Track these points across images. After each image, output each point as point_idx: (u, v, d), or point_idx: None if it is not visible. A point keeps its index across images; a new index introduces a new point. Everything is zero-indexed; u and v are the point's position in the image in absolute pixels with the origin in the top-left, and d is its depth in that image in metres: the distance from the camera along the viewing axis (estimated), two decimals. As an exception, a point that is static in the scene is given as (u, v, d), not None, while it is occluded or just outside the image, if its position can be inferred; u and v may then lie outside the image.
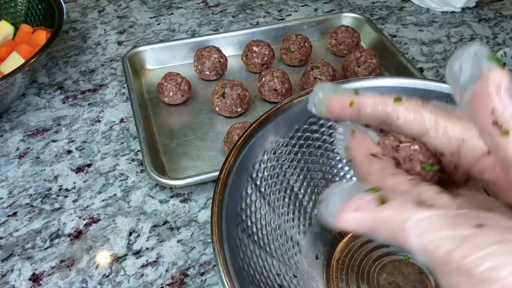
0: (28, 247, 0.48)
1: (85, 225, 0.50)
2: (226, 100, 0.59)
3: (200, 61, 0.65)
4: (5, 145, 0.58)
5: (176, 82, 0.61)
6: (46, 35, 0.66)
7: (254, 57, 0.66)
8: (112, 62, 0.72)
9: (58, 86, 0.68)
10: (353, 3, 0.86)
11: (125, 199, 0.52)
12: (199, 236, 0.49)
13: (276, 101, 0.62)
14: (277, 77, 0.61)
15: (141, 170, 0.55)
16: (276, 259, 0.38)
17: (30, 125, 0.61)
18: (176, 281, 0.45)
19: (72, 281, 0.45)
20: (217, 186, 0.36)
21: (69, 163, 0.56)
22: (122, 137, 0.60)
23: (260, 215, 0.39)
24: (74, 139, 0.59)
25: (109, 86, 0.68)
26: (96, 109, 0.64)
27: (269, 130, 0.41)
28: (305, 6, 0.86)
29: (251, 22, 0.81)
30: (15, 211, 0.51)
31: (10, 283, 0.45)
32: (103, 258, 0.47)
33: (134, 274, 0.45)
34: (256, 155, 0.40)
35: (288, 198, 0.42)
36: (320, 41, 0.75)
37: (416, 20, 0.82)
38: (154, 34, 0.78)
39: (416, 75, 0.62)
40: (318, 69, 0.62)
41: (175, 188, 0.52)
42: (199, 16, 0.83)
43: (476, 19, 0.82)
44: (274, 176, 0.41)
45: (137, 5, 0.86)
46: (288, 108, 0.42)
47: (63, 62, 0.72)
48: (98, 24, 0.81)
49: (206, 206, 0.52)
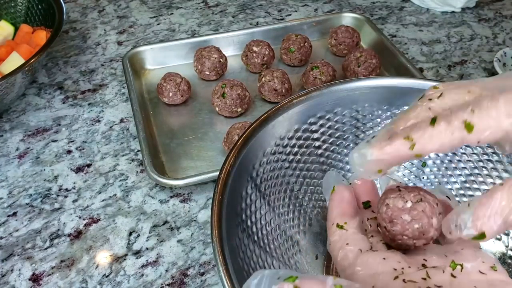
0: (28, 247, 0.48)
1: (85, 225, 0.50)
2: (226, 100, 0.59)
3: (200, 61, 0.65)
4: (5, 145, 0.58)
5: (175, 82, 0.61)
6: (46, 35, 0.66)
7: (254, 57, 0.66)
8: (112, 62, 0.72)
9: (58, 86, 0.68)
10: (353, 3, 0.86)
11: (125, 199, 0.52)
12: (199, 236, 0.49)
13: (276, 101, 0.62)
14: (277, 77, 0.61)
15: (141, 170, 0.55)
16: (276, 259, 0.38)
17: (30, 125, 0.61)
18: (176, 281, 0.45)
19: (72, 281, 0.45)
20: (217, 186, 0.35)
21: (69, 163, 0.56)
22: (122, 137, 0.60)
23: (260, 215, 0.39)
24: (74, 139, 0.59)
25: (109, 86, 0.68)
26: (96, 109, 0.64)
27: (269, 130, 0.41)
28: (305, 6, 0.86)
29: (251, 22, 0.81)
30: (15, 211, 0.51)
31: (10, 283, 0.45)
32: (103, 258, 0.47)
33: (134, 274, 0.45)
34: (256, 155, 0.40)
35: (288, 198, 0.42)
36: (320, 41, 0.75)
37: (416, 20, 0.82)
38: (154, 34, 0.78)
39: (416, 75, 0.62)
40: (318, 69, 0.62)
41: (175, 188, 0.52)
42: (199, 16, 0.83)
43: (476, 19, 0.82)
44: (274, 176, 0.41)
45: (137, 5, 0.86)
46: (288, 108, 0.42)
47: (63, 62, 0.72)
48: (98, 24, 0.81)
49: (206, 206, 0.52)
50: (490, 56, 0.74)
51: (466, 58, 0.74)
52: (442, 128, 0.24)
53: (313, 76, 0.62)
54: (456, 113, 0.24)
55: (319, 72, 0.62)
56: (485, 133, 0.23)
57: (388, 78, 0.45)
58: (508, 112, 0.23)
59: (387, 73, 0.67)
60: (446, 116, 0.24)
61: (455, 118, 0.24)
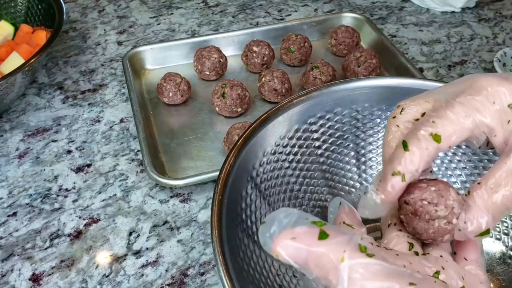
0: (28, 247, 0.48)
1: (85, 225, 0.50)
2: (226, 100, 0.59)
3: (200, 61, 0.65)
4: (5, 145, 0.58)
5: (175, 82, 0.61)
6: (46, 35, 0.66)
7: (254, 57, 0.66)
8: (112, 62, 0.72)
9: (58, 86, 0.68)
10: (353, 3, 0.86)
11: (125, 199, 0.52)
12: (199, 236, 0.49)
13: (276, 101, 0.62)
14: (277, 77, 0.61)
15: (141, 170, 0.55)
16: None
17: (30, 125, 0.61)
18: (176, 281, 0.45)
19: (72, 281, 0.45)
20: (217, 186, 0.35)
21: (69, 163, 0.56)
22: (122, 137, 0.60)
23: (260, 215, 0.39)
24: (74, 139, 0.59)
25: (109, 86, 0.68)
26: (96, 109, 0.64)
27: (269, 130, 0.41)
28: (305, 6, 0.86)
29: (251, 22, 0.81)
30: (15, 211, 0.51)
31: (10, 283, 0.45)
32: (103, 258, 0.47)
33: (134, 274, 0.45)
34: (256, 155, 0.40)
35: (288, 198, 0.42)
36: (320, 41, 0.75)
37: (416, 20, 0.82)
38: (154, 34, 0.78)
39: (416, 75, 0.62)
40: (318, 69, 0.62)
41: (175, 188, 0.52)
42: (199, 16, 0.83)
43: (476, 19, 0.82)
44: (274, 176, 0.41)
45: (137, 5, 0.86)
46: (288, 108, 0.42)
47: (63, 62, 0.72)
48: (98, 24, 0.81)
49: (206, 206, 0.52)
50: (490, 56, 0.74)
51: (466, 58, 0.74)
52: (415, 149, 0.25)
53: (313, 76, 0.62)
54: (420, 128, 0.26)
55: (319, 72, 0.62)
56: (452, 138, 0.25)
57: (388, 78, 0.45)
58: (466, 112, 0.25)
59: (387, 73, 0.67)
60: (412, 134, 0.26)
61: (421, 134, 0.25)
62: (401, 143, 0.26)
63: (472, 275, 0.27)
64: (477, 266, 0.29)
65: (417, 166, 0.25)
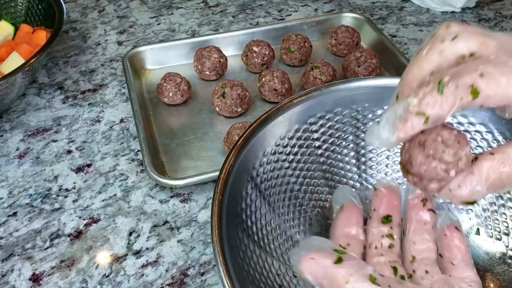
0: (28, 247, 0.48)
1: (85, 225, 0.50)
2: (226, 100, 0.59)
3: (200, 61, 0.65)
4: (5, 145, 0.58)
5: (175, 82, 0.61)
6: (46, 35, 0.66)
7: (254, 57, 0.66)
8: (112, 62, 0.72)
9: (58, 86, 0.68)
10: (353, 3, 0.86)
11: (125, 199, 0.52)
12: (199, 236, 0.49)
13: (276, 101, 0.62)
14: (277, 77, 0.61)
15: (141, 170, 0.55)
16: (276, 259, 0.38)
17: (30, 125, 0.61)
18: (176, 281, 0.45)
19: (72, 281, 0.45)
20: (217, 186, 0.35)
21: (69, 163, 0.56)
22: (122, 137, 0.60)
23: (260, 215, 0.39)
24: (74, 139, 0.59)
25: (109, 86, 0.68)
26: (96, 109, 0.64)
27: (269, 130, 0.41)
28: (305, 6, 0.86)
29: (251, 22, 0.81)
30: (15, 211, 0.51)
31: (10, 283, 0.45)
32: (103, 258, 0.47)
33: (134, 274, 0.45)
34: (256, 155, 0.40)
35: (288, 198, 0.42)
36: (320, 41, 0.75)
37: (416, 20, 0.82)
38: (154, 34, 0.78)
39: (416, 75, 0.62)
40: (318, 69, 0.62)
41: (175, 188, 0.52)
42: (199, 16, 0.83)
43: (476, 19, 0.82)
44: (274, 176, 0.41)
45: (137, 5, 0.86)
46: (288, 108, 0.42)
47: (63, 62, 0.72)
48: (98, 24, 0.81)
49: (206, 206, 0.52)
50: (490, 56, 0.73)
51: (466, 58, 0.73)
52: (451, 97, 0.24)
53: (313, 76, 0.62)
54: (464, 75, 0.24)
55: (319, 72, 0.62)
56: (490, 100, 0.24)
57: (388, 78, 0.45)
58: None
59: (387, 73, 0.67)
60: (453, 78, 0.24)
61: (462, 82, 0.23)
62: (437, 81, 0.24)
63: (463, 282, 0.29)
64: (465, 266, 0.30)
65: (446, 114, 0.24)
